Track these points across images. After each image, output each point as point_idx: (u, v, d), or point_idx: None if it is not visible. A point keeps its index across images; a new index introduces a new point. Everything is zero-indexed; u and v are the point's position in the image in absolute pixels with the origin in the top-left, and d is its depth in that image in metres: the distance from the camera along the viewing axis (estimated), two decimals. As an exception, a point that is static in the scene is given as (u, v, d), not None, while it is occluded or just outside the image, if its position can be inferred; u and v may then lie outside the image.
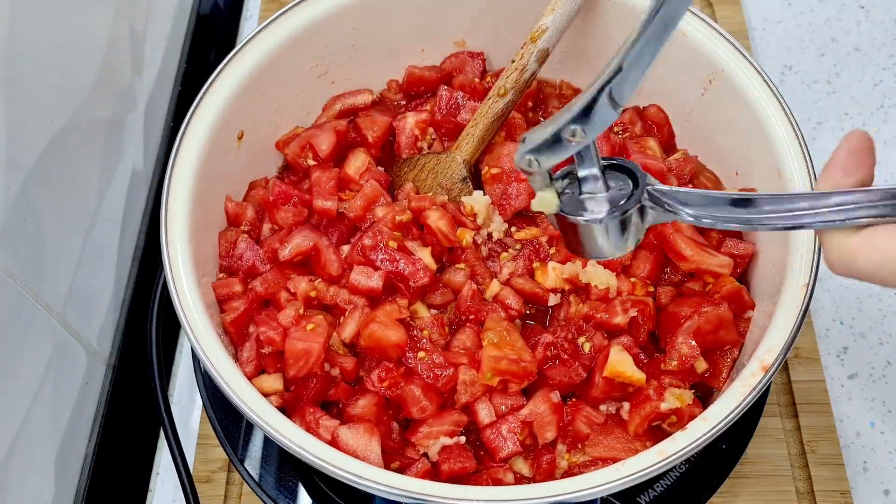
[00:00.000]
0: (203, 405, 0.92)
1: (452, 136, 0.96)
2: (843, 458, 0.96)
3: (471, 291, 0.85)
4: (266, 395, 0.76)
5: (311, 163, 0.93)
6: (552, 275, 0.85)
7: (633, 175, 0.64)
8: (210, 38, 1.35)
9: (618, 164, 0.65)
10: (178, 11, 1.27)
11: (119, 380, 1.02)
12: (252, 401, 0.72)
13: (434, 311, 0.86)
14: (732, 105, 0.86)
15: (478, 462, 0.80)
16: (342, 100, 0.99)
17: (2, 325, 0.79)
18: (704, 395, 0.82)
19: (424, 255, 0.83)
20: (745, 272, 0.87)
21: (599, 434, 0.79)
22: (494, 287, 0.86)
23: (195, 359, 0.96)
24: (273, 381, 0.81)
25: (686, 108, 0.93)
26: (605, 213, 0.63)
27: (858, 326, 1.05)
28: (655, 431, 0.79)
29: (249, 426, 0.91)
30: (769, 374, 0.70)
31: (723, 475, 0.87)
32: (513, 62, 0.90)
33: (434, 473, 0.79)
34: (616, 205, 0.64)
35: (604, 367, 0.78)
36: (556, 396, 0.80)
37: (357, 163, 0.92)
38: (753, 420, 0.88)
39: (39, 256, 0.86)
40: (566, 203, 0.66)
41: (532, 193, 0.87)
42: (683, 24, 0.86)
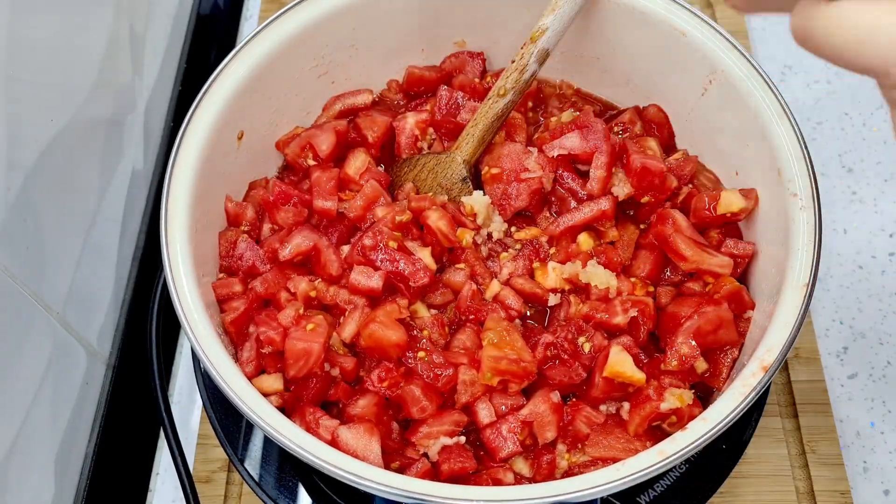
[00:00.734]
0: (203, 405, 0.92)
1: (452, 136, 0.96)
2: (843, 458, 0.96)
3: (471, 291, 0.85)
4: (266, 395, 0.76)
5: (311, 163, 0.93)
6: (552, 275, 0.85)
7: None
8: (210, 38, 1.35)
9: None
10: (178, 11, 1.27)
11: (119, 380, 1.02)
12: (252, 401, 0.72)
13: (434, 311, 0.86)
14: (732, 105, 0.86)
15: (478, 462, 0.80)
16: (342, 100, 0.99)
17: (2, 325, 0.79)
18: (704, 395, 0.82)
19: (424, 255, 0.83)
20: (745, 272, 0.87)
21: (599, 434, 0.79)
22: (494, 287, 0.86)
23: (195, 359, 0.96)
24: (273, 381, 0.81)
25: (686, 108, 0.93)
26: None
27: (858, 326, 1.05)
28: (655, 431, 0.79)
29: (249, 426, 0.91)
30: (769, 374, 0.70)
31: (723, 475, 0.87)
32: (513, 62, 0.90)
33: (434, 473, 0.79)
34: None
35: (604, 367, 0.78)
36: (556, 396, 0.80)
37: (357, 163, 0.92)
38: (753, 420, 0.88)
39: (39, 256, 0.86)
40: None
41: (532, 192, 0.88)
42: (683, 24, 0.86)
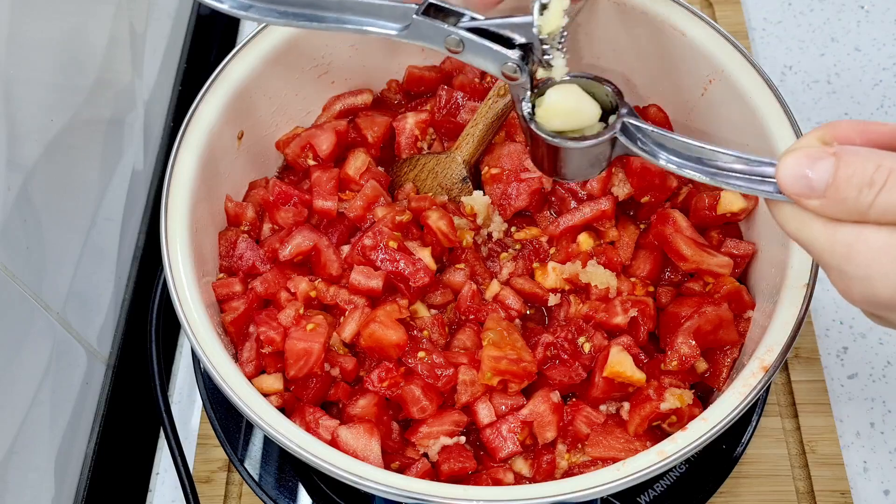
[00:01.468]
0: (203, 405, 0.92)
1: (452, 136, 0.96)
2: (843, 458, 0.96)
3: (471, 291, 0.85)
4: (266, 395, 0.76)
5: (311, 163, 0.93)
6: (552, 275, 0.85)
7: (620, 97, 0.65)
8: (210, 38, 1.35)
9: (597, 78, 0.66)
10: (178, 11, 1.27)
11: (119, 380, 1.02)
12: (252, 401, 0.72)
13: (434, 311, 0.86)
14: (732, 105, 0.85)
15: (478, 462, 0.80)
16: (342, 100, 0.99)
17: (2, 325, 0.79)
18: (704, 395, 0.82)
19: (424, 256, 0.83)
20: (745, 272, 0.87)
21: (599, 434, 0.79)
22: (494, 287, 0.86)
23: (195, 359, 0.96)
24: (273, 381, 0.81)
25: (686, 108, 0.93)
26: (577, 142, 0.64)
27: (858, 326, 1.05)
28: (655, 431, 0.79)
29: (249, 426, 0.91)
30: (769, 374, 0.70)
31: (723, 475, 0.87)
32: (513, 62, 0.90)
33: (434, 473, 0.79)
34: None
35: (604, 367, 0.78)
36: (556, 396, 0.80)
37: (357, 163, 0.92)
38: (753, 420, 0.88)
39: (39, 256, 0.86)
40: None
41: (532, 192, 0.88)
42: (683, 24, 0.86)
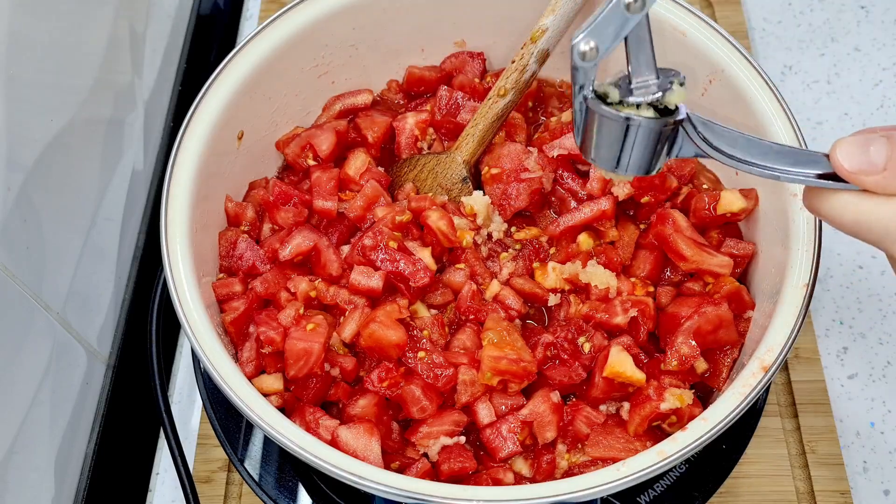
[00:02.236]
0: (203, 405, 0.92)
1: (452, 136, 0.96)
2: (843, 458, 0.96)
3: (471, 291, 0.85)
4: (266, 395, 0.76)
5: (311, 163, 0.93)
6: (552, 275, 0.85)
7: (673, 111, 0.62)
8: (210, 38, 1.35)
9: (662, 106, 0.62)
10: (178, 11, 1.27)
11: (119, 380, 1.02)
12: (252, 401, 0.72)
13: (434, 311, 0.86)
14: (732, 105, 0.85)
15: (478, 462, 0.80)
16: (342, 100, 0.99)
17: (2, 325, 0.79)
18: (704, 395, 0.82)
19: (424, 256, 0.83)
20: (745, 272, 0.87)
21: (599, 434, 0.79)
22: (494, 287, 0.86)
23: (195, 359, 0.96)
24: (273, 381, 0.81)
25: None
26: (648, 117, 0.60)
27: (858, 326, 1.06)
28: (655, 431, 0.79)
29: (249, 426, 0.91)
30: (769, 374, 0.70)
31: (723, 475, 0.87)
32: (513, 62, 0.90)
33: (434, 473, 0.79)
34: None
35: (604, 367, 0.78)
36: (556, 396, 0.80)
37: (357, 163, 0.92)
38: (753, 420, 0.88)
39: (39, 256, 0.86)
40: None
41: (532, 192, 0.88)
42: (683, 24, 0.86)
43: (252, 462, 0.90)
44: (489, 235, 0.90)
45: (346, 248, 0.87)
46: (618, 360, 0.78)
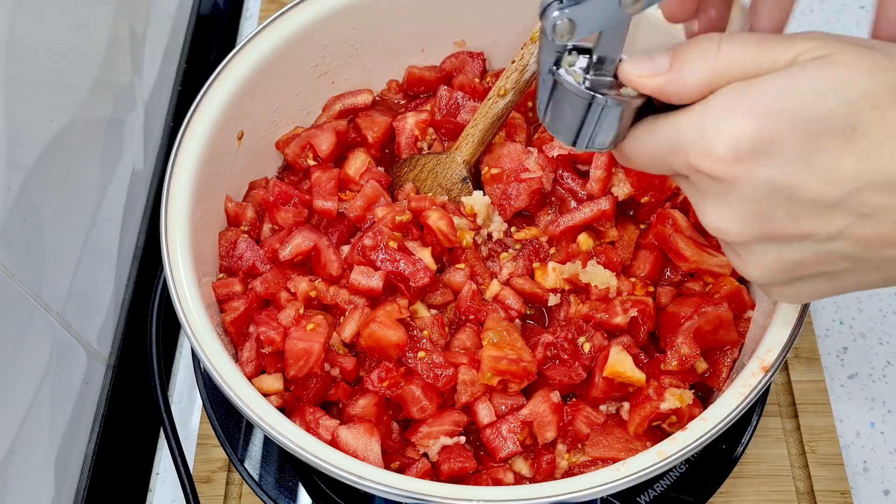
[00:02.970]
0: (203, 405, 0.92)
1: (452, 136, 0.96)
2: (843, 458, 0.96)
3: (471, 291, 0.85)
4: (266, 395, 0.76)
5: (311, 163, 0.93)
6: (552, 275, 0.85)
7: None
8: (210, 38, 1.35)
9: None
10: (178, 11, 1.27)
11: (119, 380, 1.02)
12: (252, 401, 0.72)
13: (434, 311, 0.86)
14: (732, 105, 0.85)
15: (478, 462, 0.80)
16: (342, 100, 0.99)
17: (2, 325, 0.79)
18: (704, 395, 0.82)
19: (424, 256, 0.83)
20: (745, 272, 0.87)
21: (599, 434, 0.79)
22: (494, 287, 0.86)
23: (195, 359, 0.96)
24: (273, 381, 0.81)
25: (686, 108, 0.93)
26: (607, 95, 0.58)
27: (858, 326, 1.06)
28: (655, 431, 0.79)
29: (249, 426, 0.91)
30: (769, 374, 0.70)
31: (723, 475, 0.87)
32: (513, 62, 0.90)
33: (434, 473, 0.79)
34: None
35: (604, 367, 0.78)
36: (556, 396, 0.80)
37: (357, 163, 0.92)
38: (753, 420, 0.88)
39: (39, 256, 0.86)
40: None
41: (532, 192, 0.88)
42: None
43: (252, 462, 0.90)
44: (489, 235, 0.90)
45: (346, 248, 0.87)
46: (618, 360, 0.78)
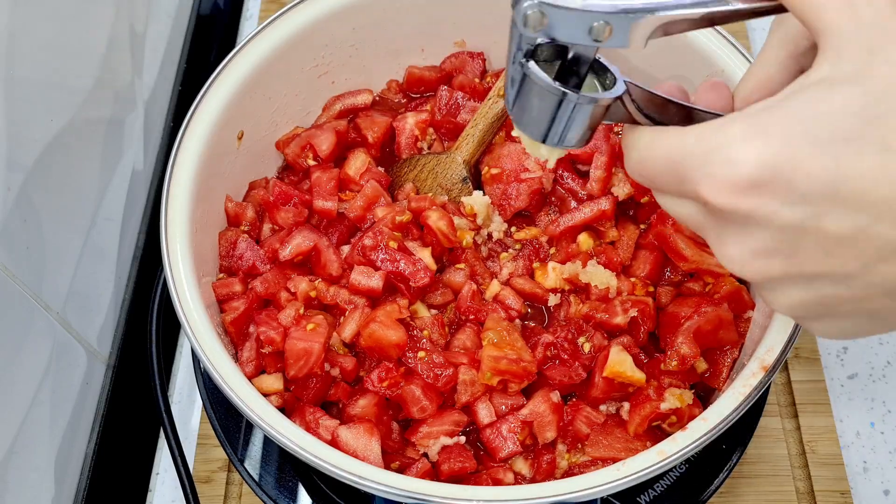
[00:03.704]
0: (203, 405, 0.92)
1: (452, 136, 0.96)
2: (843, 458, 0.96)
3: (471, 291, 0.85)
4: (266, 395, 0.76)
5: (311, 163, 0.93)
6: (552, 275, 0.85)
7: (608, 72, 0.58)
8: (210, 38, 1.35)
9: (599, 63, 0.59)
10: (178, 11, 1.27)
11: (119, 380, 1.02)
12: (252, 401, 0.72)
13: (434, 311, 0.86)
14: (732, 105, 0.85)
15: (478, 462, 0.80)
16: (342, 100, 0.99)
17: (2, 325, 0.79)
18: (704, 395, 0.82)
19: (424, 256, 0.83)
20: (745, 272, 0.87)
21: (599, 434, 0.79)
22: (494, 287, 0.86)
23: (195, 359, 0.96)
24: (273, 381, 0.81)
25: (686, 108, 0.93)
26: (578, 93, 0.56)
27: (858, 326, 1.05)
28: (655, 431, 0.79)
29: (249, 426, 0.91)
30: (769, 374, 0.70)
31: (723, 475, 0.87)
32: (513, 62, 0.90)
33: (434, 473, 0.79)
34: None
35: (604, 367, 0.78)
36: (556, 396, 0.80)
37: (357, 163, 0.92)
38: (753, 420, 0.88)
39: (39, 256, 0.86)
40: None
41: (532, 192, 0.88)
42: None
43: (252, 462, 0.90)
44: (489, 235, 0.90)
45: (346, 248, 0.87)
46: (618, 360, 0.78)
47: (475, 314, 0.84)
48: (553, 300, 0.86)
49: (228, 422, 0.91)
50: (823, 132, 0.43)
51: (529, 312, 0.88)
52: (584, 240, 0.87)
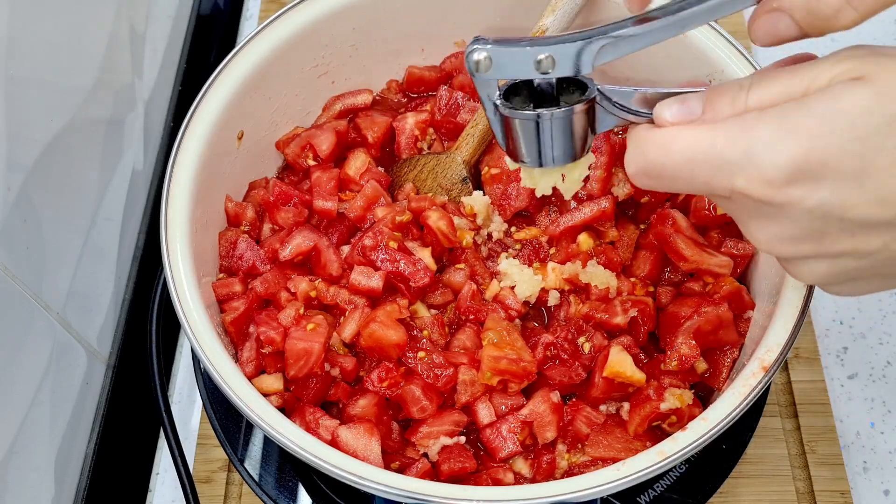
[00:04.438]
0: (203, 405, 0.92)
1: (452, 136, 0.96)
2: (843, 458, 0.96)
3: (471, 291, 0.85)
4: (266, 395, 0.76)
5: (311, 163, 0.93)
6: (552, 275, 0.85)
7: (584, 86, 0.62)
8: (210, 38, 1.35)
9: (570, 79, 0.62)
10: (178, 11, 1.27)
11: (119, 380, 1.02)
12: (252, 401, 0.72)
13: (434, 311, 0.86)
14: (732, 105, 0.85)
15: (478, 462, 0.80)
16: (342, 100, 0.99)
17: (2, 325, 0.79)
18: (704, 395, 0.82)
19: (424, 256, 0.83)
20: (745, 272, 0.87)
21: (599, 434, 0.79)
22: (494, 287, 0.86)
23: (195, 359, 0.96)
24: (273, 381, 0.81)
25: (686, 108, 0.93)
26: (551, 109, 0.60)
27: (858, 326, 1.05)
28: (655, 431, 0.79)
29: (249, 426, 0.91)
30: (769, 374, 0.70)
31: (723, 475, 0.87)
32: (513, 62, 0.90)
33: (434, 473, 0.79)
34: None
35: (604, 367, 0.78)
36: (556, 396, 0.80)
37: (357, 163, 0.92)
38: (753, 420, 0.88)
39: (39, 256, 0.86)
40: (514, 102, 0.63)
41: (532, 193, 0.88)
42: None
43: (252, 462, 0.90)
44: (489, 235, 0.90)
45: (346, 248, 0.87)
46: (618, 360, 0.78)
47: (475, 314, 0.84)
48: (553, 300, 0.86)
49: (228, 422, 0.91)
50: (846, 130, 0.49)
51: (529, 313, 0.88)
52: (584, 240, 0.87)
